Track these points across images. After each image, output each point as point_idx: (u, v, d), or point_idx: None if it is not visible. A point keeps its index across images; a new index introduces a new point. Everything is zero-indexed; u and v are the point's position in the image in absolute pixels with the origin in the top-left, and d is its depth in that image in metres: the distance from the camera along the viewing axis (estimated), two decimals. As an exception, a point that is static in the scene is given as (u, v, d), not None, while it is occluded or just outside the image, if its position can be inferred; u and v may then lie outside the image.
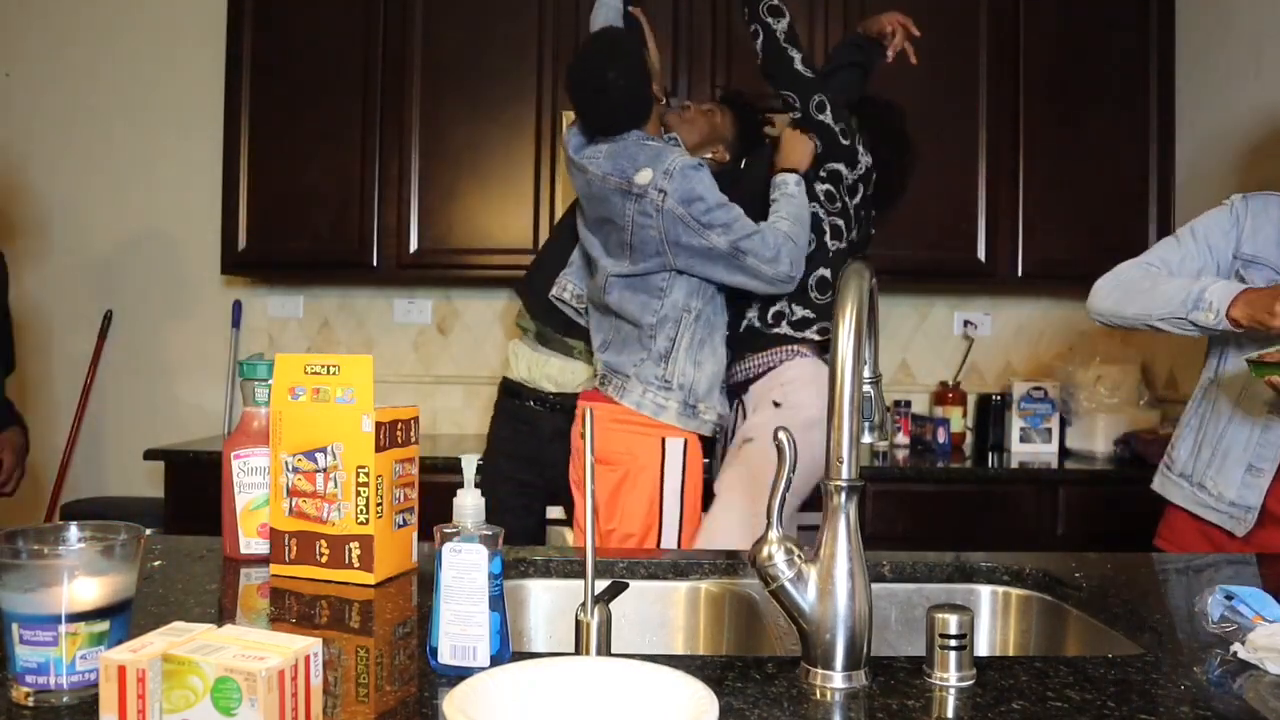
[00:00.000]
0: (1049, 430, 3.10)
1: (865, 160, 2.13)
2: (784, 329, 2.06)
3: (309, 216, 3.03)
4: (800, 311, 2.07)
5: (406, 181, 3.01)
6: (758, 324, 2.09)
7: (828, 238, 2.11)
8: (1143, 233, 3.02)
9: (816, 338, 2.06)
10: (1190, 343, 2.95)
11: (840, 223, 2.12)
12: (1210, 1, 2.95)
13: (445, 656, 0.89)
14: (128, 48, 3.38)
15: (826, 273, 2.09)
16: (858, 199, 2.15)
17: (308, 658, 0.73)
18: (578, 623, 0.90)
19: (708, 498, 2.06)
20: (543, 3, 2.99)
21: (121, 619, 0.82)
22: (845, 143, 2.10)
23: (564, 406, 2.24)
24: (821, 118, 2.07)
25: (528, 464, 2.26)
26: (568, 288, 2.27)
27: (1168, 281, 1.71)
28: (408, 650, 0.97)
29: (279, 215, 3.03)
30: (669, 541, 1.97)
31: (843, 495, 0.89)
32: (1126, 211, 3.04)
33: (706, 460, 2.10)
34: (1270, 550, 1.66)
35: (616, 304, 2.04)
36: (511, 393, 2.33)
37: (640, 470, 1.98)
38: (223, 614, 1.09)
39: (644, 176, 1.95)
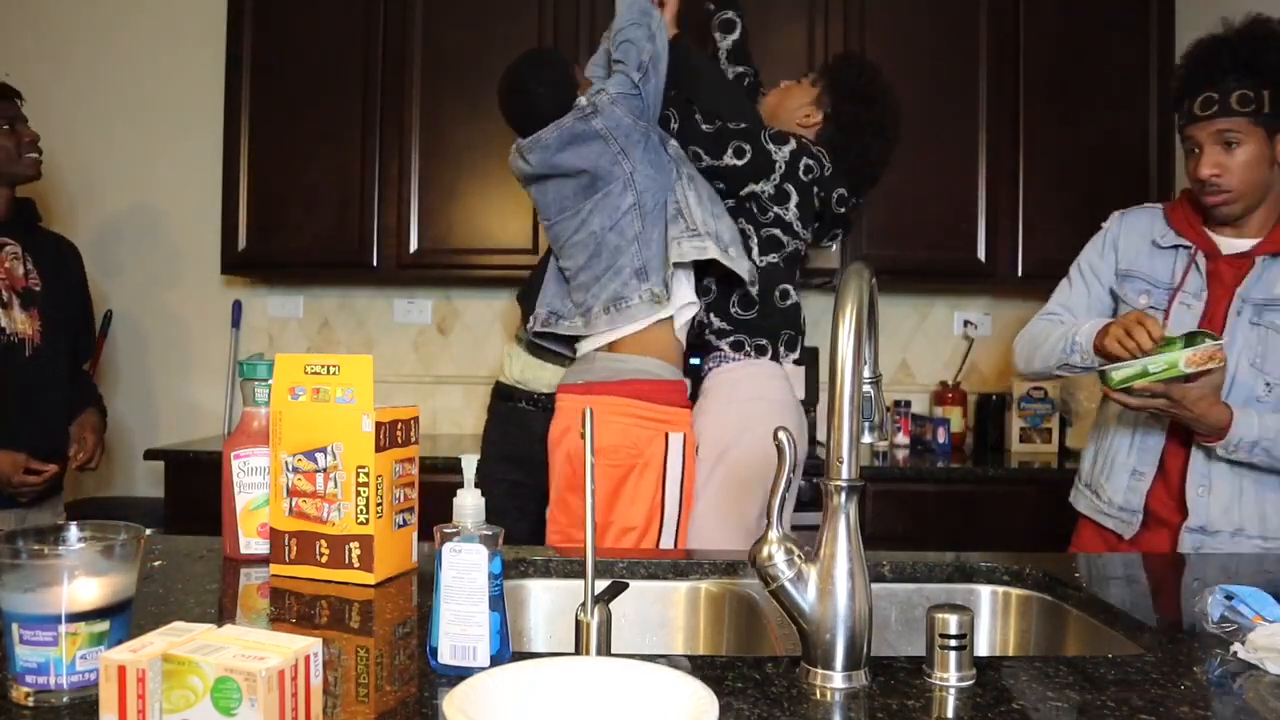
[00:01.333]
0: (1049, 430, 3.11)
1: (781, 156, 2.04)
2: (707, 335, 2.12)
3: (309, 216, 3.03)
4: (718, 323, 2.10)
5: (406, 181, 3.01)
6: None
7: (755, 254, 2.09)
8: (1143, 233, 3.02)
9: (728, 349, 2.08)
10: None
11: (775, 232, 2.09)
12: (1210, 1, 2.95)
13: (445, 656, 0.89)
14: (127, 48, 3.38)
15: (754, 290, 2.06)
16: (793, 202, 2.07)
17: (308, 658, 0.73)
18: (578, 623, 0.90)
19: None
20: (543, 3, 2.99)
21: (121, 619, 0.82)
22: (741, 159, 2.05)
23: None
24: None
25: (518, 465, 2.26)
26: (549, 320, 2.18)
27: (1057, 329, 1.81)
28: (408, 650, 0.97)
29: (279, 215, 3.03)
30: (667, 541, 1.97)
31: (843, 495, 0.89)
32: (1126, 211, 3.04)
33: None
34: (1154, 551, 1.70)
35: (597, 240, 2.01)
36: (503, 396, 2.34)
37: (646, 465, 1.97)
38: (223, 614, 1.09)
39: (584, 99, 2.02)
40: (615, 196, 2.02)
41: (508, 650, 0.91)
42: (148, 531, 0.88)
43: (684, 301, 2.05)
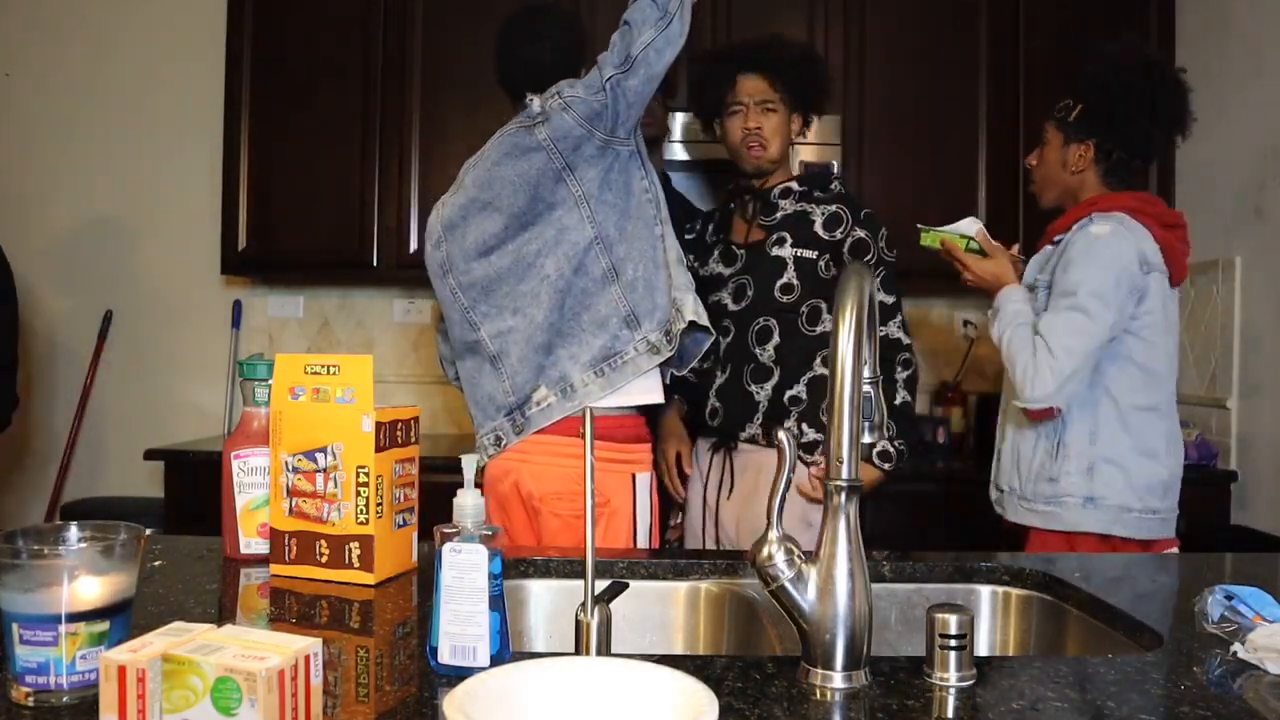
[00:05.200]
0: (1049, 430, 3.10)
1: None
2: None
3: (309, 216, 3.03)
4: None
5: (406, 181, 3.01)
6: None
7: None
8: (1143, 233, 3.02)
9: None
10: (1189, 344, 2.95)
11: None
12: (1210, 1, 2.94)
13: (445, 656, 0.89)
14: (128, 48, 3.38)
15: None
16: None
17: (308, 658, 0.73)
18: (578, 623, 0.90)
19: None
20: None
21: (121, 619, 0.82)
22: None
23: None
24: None
25: None
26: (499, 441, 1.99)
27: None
28: (408, 650, 0.97)
29: (279, 215, 3.03)
30: None
31: (843, 495, 0.89)
32: (1126, 211, 3.03)
33: None
34: None
35: (557, 287, 1.78)
36: None
37: (615, 512, 1.79)
38: (223, 614, 1.09)
39: (536, 103, 1.79)
40: (571, 231, 1.75)
41: (508, 650, 0.91)
42: (148, 531, 0.88)
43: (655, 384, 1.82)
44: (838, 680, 0.87)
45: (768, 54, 2.10)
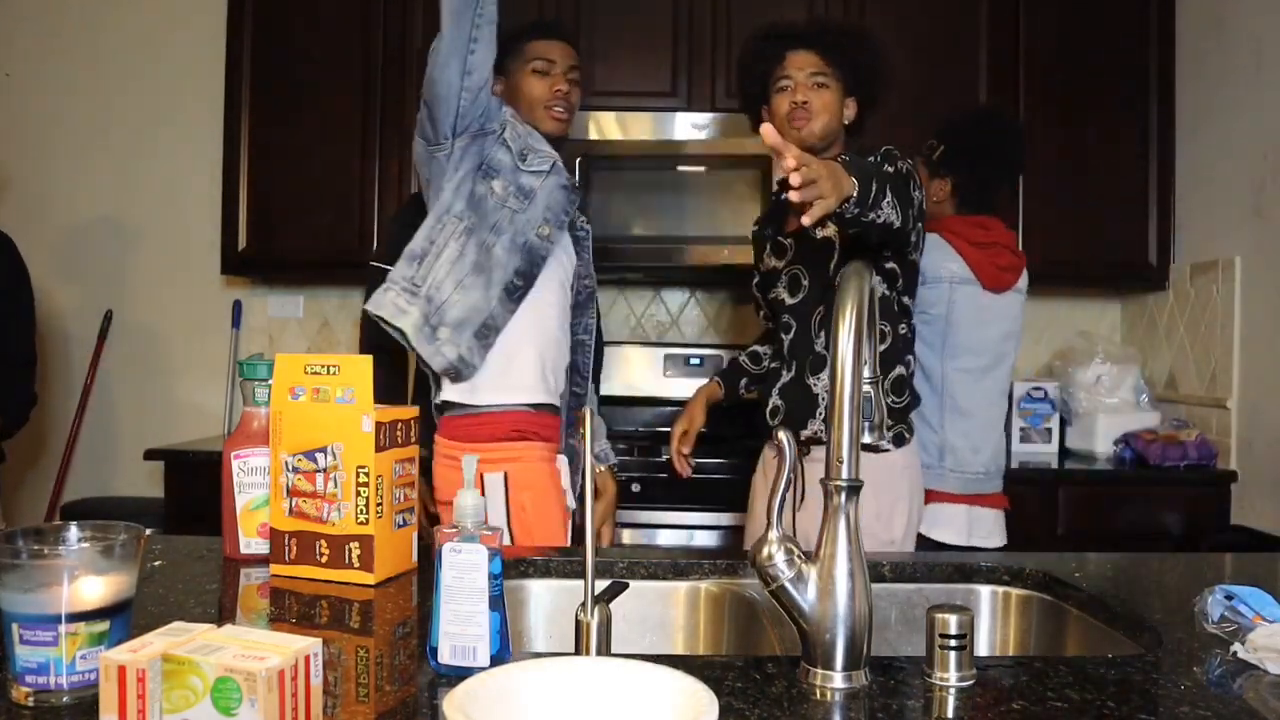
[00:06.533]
0: (1049, 430, 3.10)
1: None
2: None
3: (309, 216, 3.02)
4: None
5: (406, 181, 3.00)
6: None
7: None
8: (1143, 232, 3.02)
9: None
10: (1189, 344, 2.95)
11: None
12: (1209, 0, 2.94)
13: (445, 656, 0.89)
14: (127, 48, 3.38)
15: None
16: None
17: (308, 658, 0.73)
18: (578, 623, 0.90)
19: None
20: (543, 2, 2.99)
21: (121, 619, 0.82)
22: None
23: None
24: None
25: None
26: None
27: None
28: (408, 650, 0.98)
29: (279, 215, 3.03)
30: None
31: (843, 495, 0.89)
32: (1127, 211, 3.04)
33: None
34: None
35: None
36: None
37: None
38: (223, 614, 1.09)
39: None
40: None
41: (508, 650, 0.91)
42: (148, 531, 0.88)
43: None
44: (838, 680, 0.87)
45: (820, 29, 1.99)
